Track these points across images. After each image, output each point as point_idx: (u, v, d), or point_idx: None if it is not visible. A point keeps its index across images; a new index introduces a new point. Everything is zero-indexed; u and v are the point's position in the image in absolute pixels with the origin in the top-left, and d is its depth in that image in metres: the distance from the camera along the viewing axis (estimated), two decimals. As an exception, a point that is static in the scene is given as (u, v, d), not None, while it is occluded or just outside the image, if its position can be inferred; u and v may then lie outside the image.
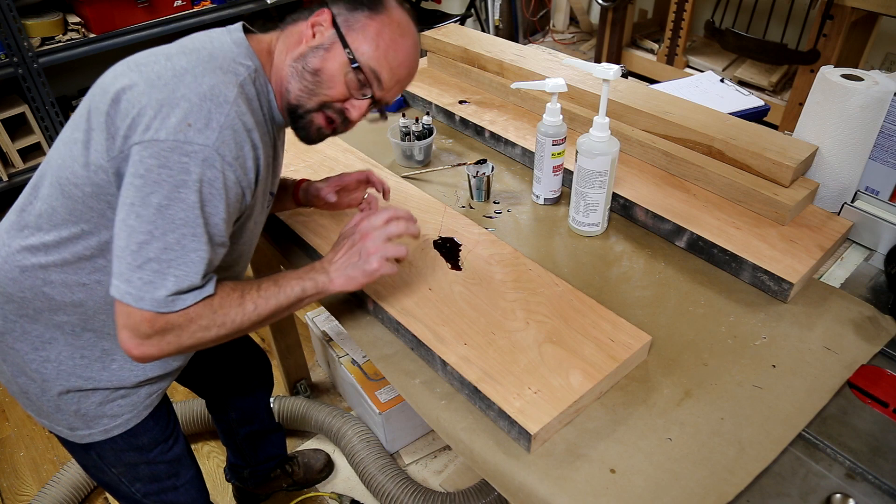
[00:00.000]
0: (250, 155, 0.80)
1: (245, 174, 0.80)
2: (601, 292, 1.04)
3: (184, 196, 0.75)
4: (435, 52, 1.71)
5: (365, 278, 0.88)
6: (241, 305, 0.83)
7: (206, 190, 0.76)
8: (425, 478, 1.75)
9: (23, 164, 2.14)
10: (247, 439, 1.54)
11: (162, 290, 0.76)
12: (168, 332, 0.78)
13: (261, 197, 0.90)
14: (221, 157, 0.76)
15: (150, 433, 1.03)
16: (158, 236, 0.75)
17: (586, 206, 1.13)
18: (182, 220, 0.75)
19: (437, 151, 1.46)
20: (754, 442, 0.81)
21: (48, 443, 1.92)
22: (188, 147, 0.74)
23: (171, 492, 1.12)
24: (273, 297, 0.85)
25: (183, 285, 0.77)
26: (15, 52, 2.00)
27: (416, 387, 0.92)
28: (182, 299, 0.78)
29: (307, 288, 0.87)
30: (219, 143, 0.75)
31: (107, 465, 1.03)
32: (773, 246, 1.06)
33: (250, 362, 1.46)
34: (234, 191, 0.80)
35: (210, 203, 0.77)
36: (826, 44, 2.47)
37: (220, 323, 0.81)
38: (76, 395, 0.94)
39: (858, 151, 1.12)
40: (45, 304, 0.89)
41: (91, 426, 0.97)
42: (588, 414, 0.85)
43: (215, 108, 0.76)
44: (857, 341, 0.95)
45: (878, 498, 0.76)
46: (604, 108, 1.05)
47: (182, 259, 0.76)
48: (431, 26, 3.04)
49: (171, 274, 0.76)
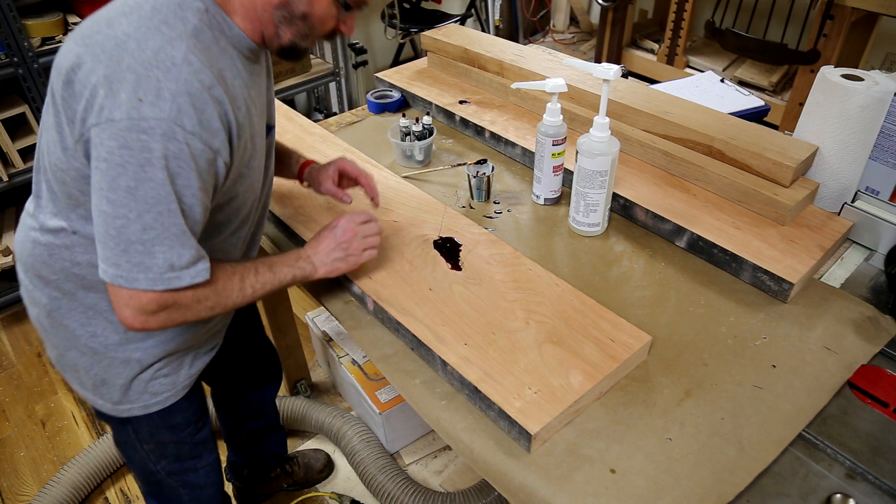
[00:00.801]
0: (215, 114, 0.75)
1: (213, 136, 0.76)
2: (601, 292, 1.04)
3: (151, 175, 0.72)
4: (435, 52, 1.71)
5: (348, 268, 1.00)
6: (242, 289, 0.88)
7: (172, 164, 0.73)
8: (425, 478, 1.75)
9: (23, 164, 2.14)
10: (251, 435, 1.54)
11: (153, 268, 0.76)
12: (174, 310, 0.81)
13: (251, 141, 0.86)
14: (181, 128, 0.72)
15: (184, 413, 1.08)
16: (134, 219, 0.74)
17: (586, 206, 1.13)
18: (155, 199, 0.74)
19: (437, 151, 1.46)
20: (754, 442, 0.81)
21: (48, 443, 1.92)
22: (144, 124, 0.71)
23: (191, 473, 1.17)
24: (269, 282, 0.92)
25: (174, 260, 0.77)
26: (15, 52, 2.00)
27: (417, 387, 0.92)
28: (178, 277, 0.78)
29: (296, 275, 0.95)
30: (175, 114, 0.72)
31: (140, 441, 1.08)
32: (773, 246, 1.06)
33: (263, 356, 1.47)
34: (203, 158, 0.76)
35: (180, 176, 0.74)
36: (826, 44, 2.46)
37: (222, 304, 0.87)
38: (122, 370, 0.97)
39: (858, 151, 1.12)
40: (77, 284, 0.91)
41: (133, 401, 1.01)
42: (588, 414, 0.85)
43: (164, 76, 0.72)
44: (857, 341, 0.95)
45: (878, 498, 0.76)
46: (604, 108, 1.05)
47: (164, 235, 0.76)
48: (431, 26, 3.04)
49: (157, 252, 0.76)
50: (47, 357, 2.18)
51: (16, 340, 2.27)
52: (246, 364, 1.42)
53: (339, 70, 2.88)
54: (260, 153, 0.91)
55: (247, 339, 1.37)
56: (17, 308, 2.39)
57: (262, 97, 0.90)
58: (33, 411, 2.02)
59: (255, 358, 1.45)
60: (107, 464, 1.74)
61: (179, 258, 0.77)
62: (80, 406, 2.03)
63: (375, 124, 1.60)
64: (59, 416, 2.00)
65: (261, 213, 1.03)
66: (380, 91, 1.68)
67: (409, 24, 3.17)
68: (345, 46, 2.87)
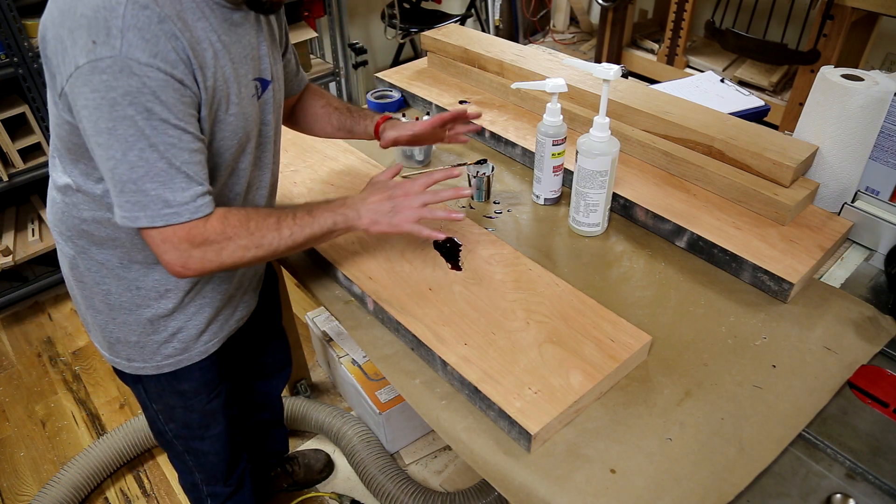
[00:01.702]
0: (169, 46, 0.74)
1: (172, 66, 0.75)
2: (601, 292, 1.04)
3: (121, 113, 0.73)
4: (435, 52, 1.71)
5: (390, 229, 0.95)
6: (278, 230, 0.88)
7: (139, 99, 0.73)
8: (425, 478, 1.75)
9: (23, 164, 2.14)
10: (255, 428, 1.54)
11: (149, 206, 0.78)
12: (207, 248, 0.83)
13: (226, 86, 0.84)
14: (135, 61, 0.72)
15: (193, 382, 1.10)
16: (121, 158, 0.75)
17: (586, 206, 1.13)
18: (133, 136, 0.74)
19: (437, 151, 1.46)
20: (754, 442, 0.81)
21: (48, 443, 1.92)
22: (101, 64, 0.72)
23: (197, 440, 1.20)
24: (308, 226, 0.90)
25: (168, 196, 0.78)
26: (15, 52, 2.00)
27: (417, 387, 0.92)
28: (176, 213, 0.79)
29: (338, 221, 0.93)
30: (125, 48, 0.72)
31: (150, 400, 1.12)
32: (773, 246, 1.06)
33: (277, 347, 1.47)
34: (169, 87, 0.75)
35: (152, 111, 0.74)
36: (826, 44, 2.47)
37: (257, 244, 0.86)
38: (135, 329, 1.00)
39: (858, 151, 1.12)
40: (89, 241, 0.94)
41: (146, 360, 1.04)
42: (588, 414, 0.85)
43: (110, 14, 0.72)
44: (857, 341, 0.95)
45: (878, 498, 0.76)
46: (604, 109, 1.05)
47: (151, 172, 0.76)
48: (431, 26, 3.04)
49: (149, 190, 0.77)
50: (47, 357, 2.19)
51: (16, 340, 2.27)
52: (260, 352, 1.42)
53: (339, 70, 2.88)
54: (246, 104, 0.89)
55: (265, 327, 1.38)
56: (17, 308, 2.39)
57: (245, 47, 0.88)
58: (33, 411, 2.02)
59: (270, 347, 1.45)
60: (107, 464, 1.74)
61: (173, 193, 0.78)
62: (80, 406, 2.03)
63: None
64: (59, 416, 2.00)
65: (267, 178, 1.01)
66: (380, 91, 1.68)
67: (409, 24, 3.17)
68: (345, 46, 2.87)
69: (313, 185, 1.30)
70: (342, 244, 1.11)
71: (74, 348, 2.23)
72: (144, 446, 1.81)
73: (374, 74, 1.76)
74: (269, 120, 0.97)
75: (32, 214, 2.42)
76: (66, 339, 2.26)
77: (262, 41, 0.93)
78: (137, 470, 1.82)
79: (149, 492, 1.76)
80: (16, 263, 2.20)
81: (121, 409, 2.01)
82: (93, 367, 2.15)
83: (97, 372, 2.13)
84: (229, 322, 1.09)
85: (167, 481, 1.79)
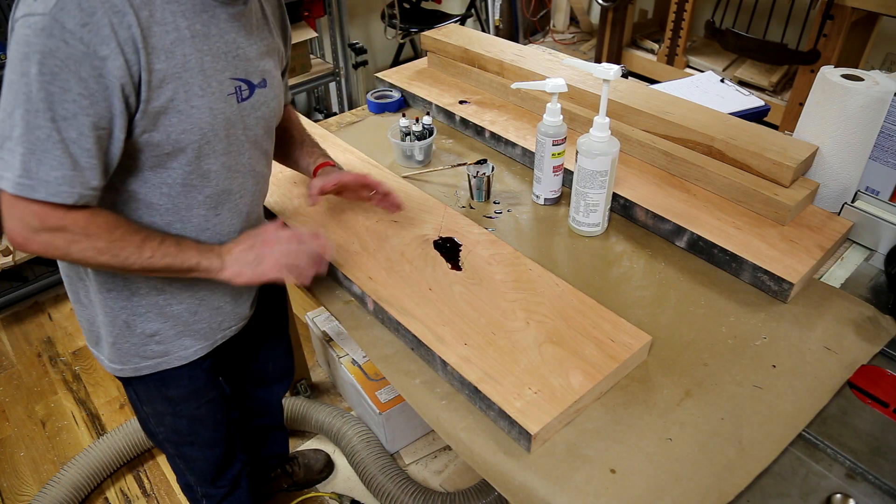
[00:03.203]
0: (105, 20, 0.73)
1: (100, 42, 0.73)
2: (601, 292, 1.04)
3: (26, 69, 0.72)
4: (435, 52, 1.71)
5: (254, 278, 0.93)
6: (140, 249, 0.85)
7: (48, 62, 0.71)
8: (425, 478, 1.75)
9: (23, 164, 2.15)
10: (254, 432, 1.54)
11: (11, 168, 0.74)
12: (58, 235, 0.79)
13: (186, 74, 0.82)
14: (61, 25, 0.71)
15: (181, 389, 1.10)
16: (9, 113, 0.73)
17: (586, 206, 1.13)
18: (25, 95, 0.72)
19: (437, 151, 1.46)
20: (754, 442, 0.81)
21: (48, 443, 1.92)
22: (31, 19, 0.71)
23: (187, 445, 1.20)
24: (170, 256, 0.87)
25: (32, 166, 0.74)
26: (15, 52, 2.01)
27: (417, 387, 0.92)
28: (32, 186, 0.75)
29: (201, 264, 0.91)
30: (56, 10, 0.70)
31: (140, 403, 1.13)
32: (773, 246, 1.06)
33: (281, 354, 1.46)
34: (87, 63, 0.73)
35: (58, 77, 0.72)
36: (826, 44, 2.47)
37: (113, 253, 0.83)
38: (111, 329, 0.99)
39: (859, 151, 1.12)
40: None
41: (125, 362, 1.03)
42: (588, 414, 0.85)
43: None
44: (857, 341, 0.95)
45: (878, 498, 0.76)
46: (604, 109, 1.05)
47: (28, 137, 0.73)
48: (431, 26, 3.04)
49: (17, 152, 0.74)
50: (47, 357, 2.19)
51: (16, 340, 2.27)
52: (261, 360, 1.41)
53: (339, 70, 2.88)
54: (216, 100, 0.87)
55: (268, 335, 1.36)
56: (17, 308, 2.39)
57: (226, 44, 0.87)
58: (33, 411, 2.02)
59: (272, 355, 1.43)
60: (107, 464, 1.74)
61: (39, 165, 0.74)
62: (80, 406, 2.03)
63: (375, 124, 1.60)
64: (59, 416, 2.00)
65: (251, 186, 0.99)
66: (380, 91, 1.68)
67: (409, 24, 3.17)
68: (345, 46, 2.87)
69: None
70: (342, 244, 1.11)
71: (74, 348, 2.23)
72: (144, 446, 1.81)
73: (374, 74, 1.76)
74: (254, 125, 0.95)
75: (32, 214, 2.41)
76: (66, 339, 2.27)
77: (252, 43, 0.91)
78: (137, 470, 1.82)
79: (149, 492, 1.77)
80: (16, 263, 2.20)
81: (121, 409, 2.01)
82: (93, 367, 2.15)
83: (97, 372, 2.13)
84: (215, 332, 1.07)
85: (167, 481, 1.79)
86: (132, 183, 0.87)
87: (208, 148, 0.89)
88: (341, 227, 1.16)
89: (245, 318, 1.12)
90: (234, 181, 0.95)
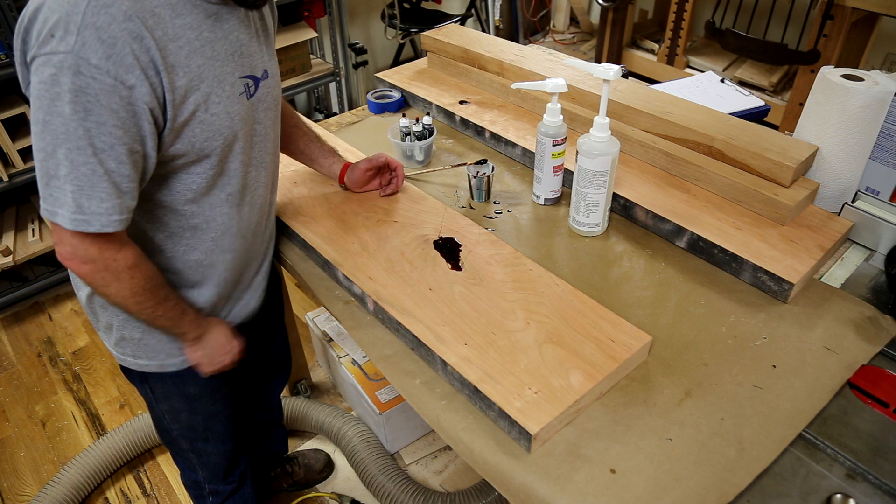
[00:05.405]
0: (127, 49, 0.73)
1: (126, 71, 0.74)
2: (601, 292, 1.04)
3: (59, 109, 0.73)
4: (435, 52, 1.71)
5: (210, 368, 1.06)
6: (156, 304, 0.92)
7: (80, 99, 0.73)
8: (425, 478, 1.75)
9: (23, 164, 2.14)
10: (254, 429, 1.54)
11: (66, 205, 0.78)
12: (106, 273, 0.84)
13: (202, 84, 0.83)
14: (86, 61, 0.72)
15: (199, 385, 1.12)
16: (50, 152, 0.76)
17: (587, 206, 1.13)
18: (64, 134, 0.74)
19: (437, 152, 1.46)
20: (755, 442, 0.81)
21: (48, 443, 1.92)
22: (54, 58, 0.72)
23: (202, 441, 1.22)
24: (170, 319, 0.96)
25: (83, 202, 0.77)
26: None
27: (417, 387, 0.92)
28: (87, 220, 0.78)
29: (188, 335, 1.00)
30: (79, 47, 0.71)
31: (156, 400, 1.14)
32: (773, 246, 1.06)
33: (278, 349, 1.47)
34: (116, 94, 0.74)
35: (92, 113, 0.74)
36: (826, 44, 2.46)
37: (138, 301, 0.90)
38: (113, 323, 1.02)
39: (859, 152, 1.12)
40: None
41: (151, 357, 1.05)
42: (588, 414, 0.85)
43: (71, 9, 0.72)
44: (857, 341, 0.95)
45: (878, 498, 0.76)
46: (604, 109, 1.05)
47: (74, 174, 0.76)
48: (431, 26, 3.04)
49: (68, 190, 0.77)
50: (47, 357, 2.19)
51: (16, 340, 2.27)
52: (259, 352, 1.41)
53: (339, 70, 2.88)
54: (232, 103, 0.88)
55: (266, 326, 1.37)
56: (17, 308, 2.39)
57: (231, 44, 0.87)
58: (33, 411, 2.02)
59: (269, 347, 1.44)
60: (107, 464, 1.74)
61: (89, 200, 0.78)
62: (80, 406, 2.03)
63: (375, 124, 1.60)
64: (59, 416, 2.00)
65: (264, 177, 1.02)
66: (380, 91, 1.68)
67: (409, 25, 3.17)
68: (345, 46, 2.87)
69: (314, 185, 1.30)
70: (342, 244, 1.11)
71: (74, 348, 2.23)
72: (145, 446, 1.81)
73: (375, 74, 1.76)
74: (263, 118, 0.96)
75: (32, 214, 2.42)
76: (66, 339, 2.26)
77: (251, 36, 0.91)
78: (137, 470, 1.82)
79: (149, 492, 1.77)
80: (16, 263, 2.20)
81: (121, 409, 2.01)
82: (93, 367, 2.15)
83: (97, 372, 2.13)
84: (231, 324, 1.10)
85: (167, 481, 1.79)
86: (158, 192, 0.90)
87: (229, 149, 0.91)
88: (341, 227, 1.16)
89: (254, 307, 1.16)
90: (250, 175, 0.98)
